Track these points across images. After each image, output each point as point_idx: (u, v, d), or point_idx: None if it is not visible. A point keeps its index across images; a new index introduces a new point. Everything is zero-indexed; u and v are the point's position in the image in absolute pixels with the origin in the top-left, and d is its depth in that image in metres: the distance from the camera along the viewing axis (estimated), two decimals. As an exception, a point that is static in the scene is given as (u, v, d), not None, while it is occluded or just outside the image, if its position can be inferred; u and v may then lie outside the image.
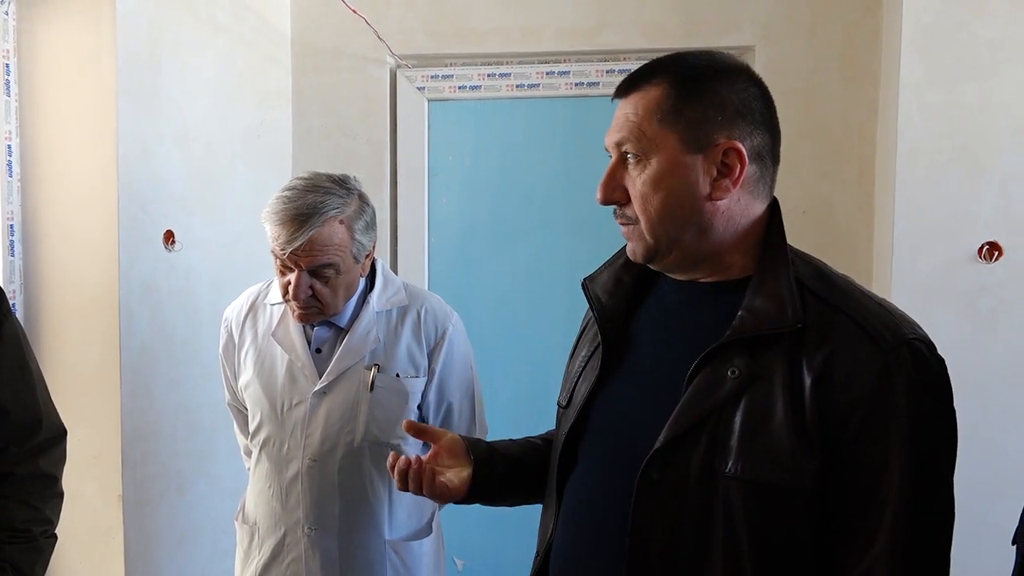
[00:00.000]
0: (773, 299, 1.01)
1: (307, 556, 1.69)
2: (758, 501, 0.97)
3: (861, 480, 0.96)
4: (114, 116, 1.93)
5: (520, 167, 2.66)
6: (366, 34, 2.57)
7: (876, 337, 0.97)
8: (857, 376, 0.95)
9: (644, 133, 1.04)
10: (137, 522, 2.02)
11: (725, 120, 1.03)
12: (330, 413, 1.68)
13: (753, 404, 0.98)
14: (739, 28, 2.50)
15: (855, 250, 2.47)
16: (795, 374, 0.98)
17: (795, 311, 1.00)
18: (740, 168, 1.03)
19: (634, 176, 1.06)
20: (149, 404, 2.07)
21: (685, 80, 1.04)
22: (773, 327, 1.00)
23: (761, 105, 1.06)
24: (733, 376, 1.00)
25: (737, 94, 1.04)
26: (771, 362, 0.99)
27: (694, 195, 1.04)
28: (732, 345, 1.01)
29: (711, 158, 1.03)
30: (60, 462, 1.54)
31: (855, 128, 2.46)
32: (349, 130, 2.67)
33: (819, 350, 0.97)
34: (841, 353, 0.97)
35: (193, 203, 2.22)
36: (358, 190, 1.66)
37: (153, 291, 2.07)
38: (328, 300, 1.63)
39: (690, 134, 1.03)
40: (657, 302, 1.17)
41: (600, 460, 1.13)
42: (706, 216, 1.05)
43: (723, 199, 1.04)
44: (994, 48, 2.15)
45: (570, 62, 2.62)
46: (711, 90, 1.04)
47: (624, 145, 1.06)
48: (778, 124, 1.09)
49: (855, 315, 0.99)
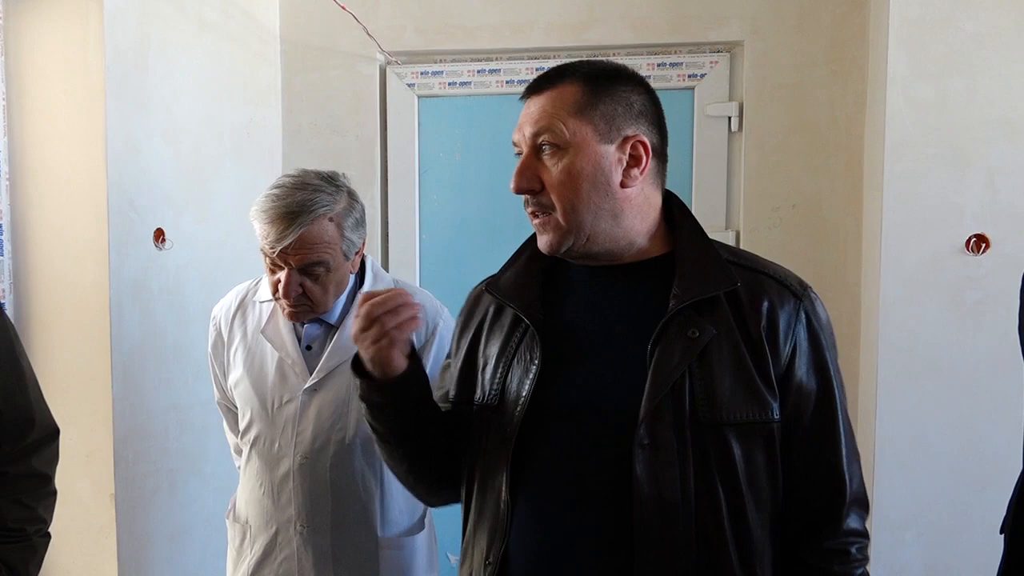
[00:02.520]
0: (704, 268, 1.15)
1: (299, 554, 1.69)
2: (746, 440, 1.10)
3: (807, 405, 1.14)
4: (102, 114, 1.92)
5: (510, 163, 2.64)
6: (355, 31, 2.56)
7: (790, 287, 1.16)
8: (787, 320, 1.14)
9: (563, 124, 1.13)
10: (129, 521, 2.02)
11: (631, 117, 1.15)
12: (321, 410, 1.68)
13: (720, 355, 1.11)
14: (727, 23, 2.51)
15: (843, 243, 2.48)
16: (741, 326, 1.12)
17: (727, 275, 1.14)
18: (646, 159, 1.15)
19: (550, 166, 1.14)
20: (140, 403, 2.07)
21: (596, 79, 1.15)
22: (713, 289, 1.13)
23: (655, 109, 1.19)
24: (694, 336, 1.11)
25: (638, 95, 1.17)
26: (720, 319, 1.12)
27: (608, 182, 1.14)
28: (681, 312, 1.12)
29: (621, 149, 1.14)
30: (53, 461, 1.54)
31: (843, 122, 2.47)
32: (339, 127, 2.67)
33: (755, 303, 1.13)
34: (771, 302, 1.14)
35: (183, 201, 2.22)
36: (347, 187, 1.66)
37: (143, 290, 2.07)
38: (318, 298, 1.63)
39: (603, 126, 1.13)
40: (574, 290, 1.23)
41: (569, 448, 1.13)
42: (618, 203, 1.15)
43: (632, 187, 1.15)
44: (980, 42, 2.16)
45: (559, 58, 2.62)
46: (618, 90, 1.15)
47: (541, 136, 1.15)
48: (666, 128, 1.21)
49: (770, 272, 1.17)
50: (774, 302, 1.14)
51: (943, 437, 2.23)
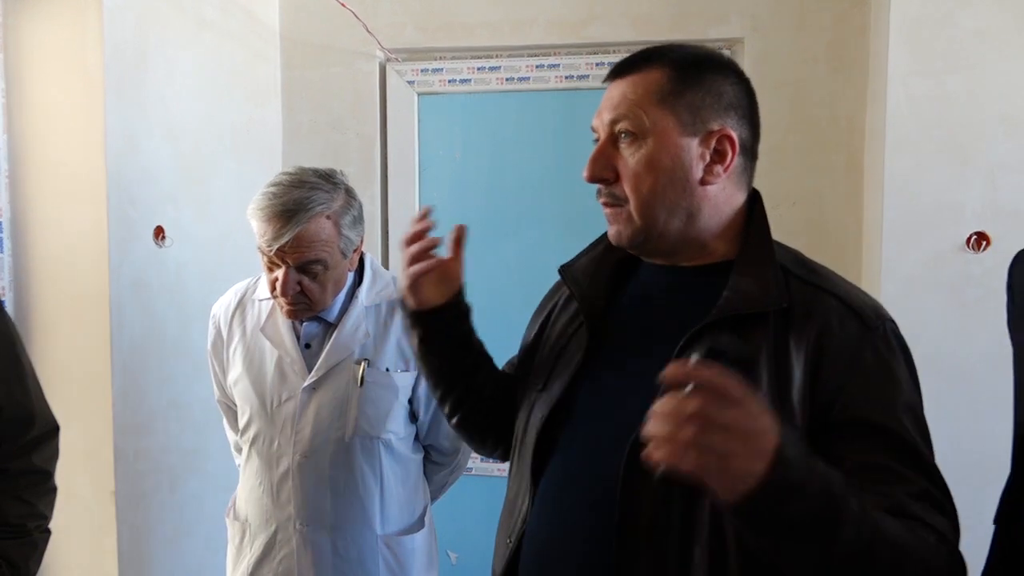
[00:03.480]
0: (758, 279, 1.04)
1: (299, 552, 1.69)
2: None
3: (863, 437, 0.97)
4: (102, 112, 1.92)
5: (510, 161, 2.66)
6: (355, 28, 2.56)
7: (861, 315, 1.01)
8: (848, 349, 0.99)
9: (643, 112, 1.05)
10: (130, 518, 2.03)
11: (720, 109, 1.06)
12: (320, 409, 1.68)
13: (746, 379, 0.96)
14: (728, 20, 2.51)
15: (844, 241, 2.48)
16: (781, 351, 1.00)
17: (780, 291, 1.03)
18: (731, 155, 1.06)
19: (627, 156, 1.06)
20: (140, 400, 2.07)
21: (685, 66, 1.07)
22: (759, 306, 1.02)
23: (748, 101, 1.10)
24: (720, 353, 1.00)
25: (730, 86, 1.07)
26: (760, 338, 1.01)
27: (687, 178, 1.05)
28: (718, 324, 1.02)
29: (706, 143, 1.06)
30: (53, 457, 1.54)
31: (843, 119, 2.46)
32: (339, 125, 2.67)
33: (807, 326, 1.00)
34: (830, 328, 1.00)
35: (183, 199, 2.22)
36: (345, 184, 1.65)
37: (143, 287, 2.07)
38: (316, 296, 1.63)
39: (688, 117, 1.05)
40: (638, 288, 1.17)
41: (585, 445, 1.12)
42: (696, 200, 1.06)
43: (713, 185, 1.07)
44: (980, 39, 2.16)
45: (560, 55, 2.62)
46: (708, 79, 1.06)
47: (619, 123, 1.07)
48: (759, 122, 1.12)
49: (838, 294, 1.03)
50: (831, 326, 1.00)
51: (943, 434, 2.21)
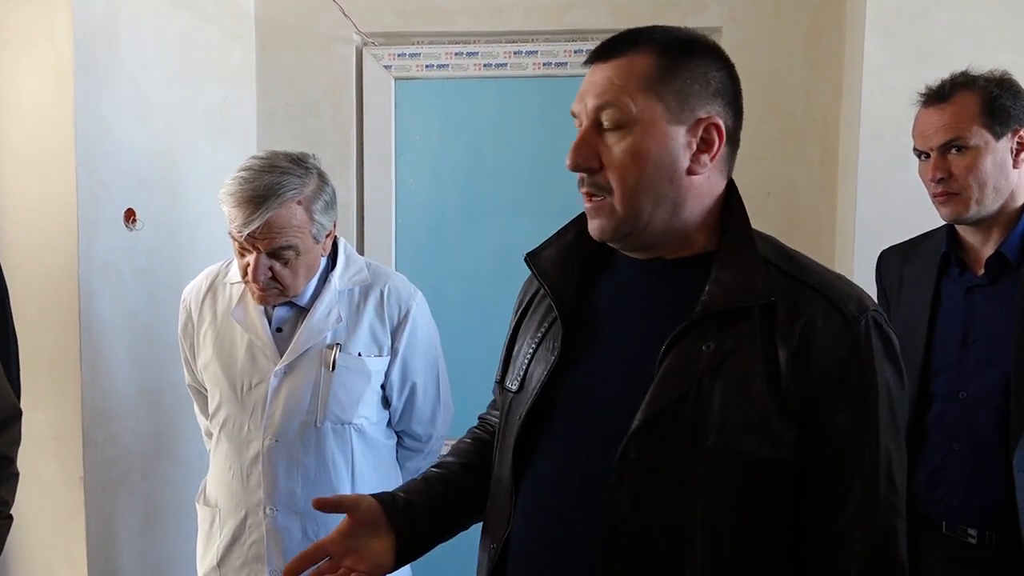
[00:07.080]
0: (741, 273, 1.02)
1: (268, 537, 1.68)
2: (741, 474, 0.97)
3: (835, 446, 0.98)
4: (71, 92, 1.89)
5: (488, 147, 2.65)
6: (332, 11, 2.53)
7: (842, 309, 0.99)
8: (829, 346, 0.98)
9: (630, 100, 1.00)
10: (99, 504, 2.01)
11: (707, 96, 1.02)
12: (291, 393, 1.67)
13: (731, 377, 0.98)
14: (706, 9, 2.51)
15: (818, 232, 2.49)
16: (768, 346, 0.98)
17: (764, 284, 1.00)
18: (719, 144, 1.03)
19: (612, 144, 1.02)
20: (110, 385, 2.05)
21: (672, 50, 1.02)
22: (744, 301, 1.00)
23: (734, 88, 1.06)
24: (708, 350, 0.99)
25: (717, 72, 1.04)
26: (744, 335, 0.99)
27: (674, 168, 1.02)
28: (704, 320, 1.00)
29: (693, 131, 1.02)
30: (15, 443, 1.53)
31: (819, 111, 2.48)
32: (314, 109, 2.64)
33: (792, 322, 0.99)
34: (814, 324, 0.98)
35: (155, 182, 2.19)
36: (317, 168, 1.64)
37: (113, 271, 2.04)
38: (288, 281, 1.62)
39: (676, 105, 1.01)
40: (614, 279, 1.13)
41: (567, 444, 1.08)
42: (682, 191, 1.03)
43: (699, 174, 1.03)
44: (955, 32, 2.17)
45: (538, 42, 2.61)
46: (696, 64, 1.02)
47: (604, 110, 1.01)
48: (743, 109, 1.08)
49: (820, 287, 1.01)
50: (814, 321, 0.98)
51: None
